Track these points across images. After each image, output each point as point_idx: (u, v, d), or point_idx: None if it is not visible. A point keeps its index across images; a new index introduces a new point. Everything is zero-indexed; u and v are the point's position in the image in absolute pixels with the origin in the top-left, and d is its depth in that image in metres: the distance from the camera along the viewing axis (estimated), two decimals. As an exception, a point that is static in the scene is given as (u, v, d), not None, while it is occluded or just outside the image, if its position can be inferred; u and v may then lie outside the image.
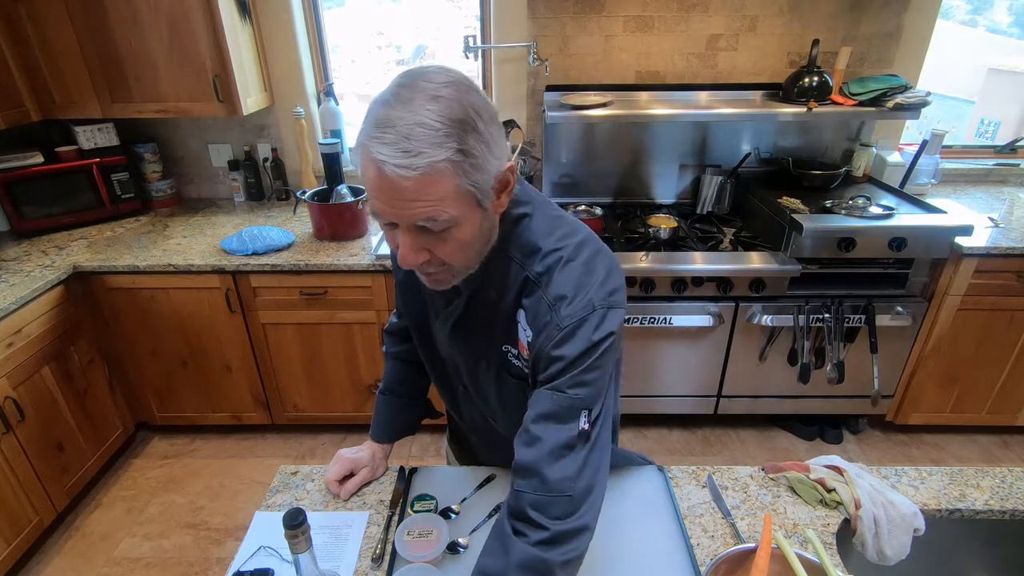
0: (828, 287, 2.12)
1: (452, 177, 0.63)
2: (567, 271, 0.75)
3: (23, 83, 2.12)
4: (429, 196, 0.63)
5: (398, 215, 0.66)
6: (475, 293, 0.81)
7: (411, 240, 0.68)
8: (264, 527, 0.98)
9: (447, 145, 0.62)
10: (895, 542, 0.94)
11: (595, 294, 0.74)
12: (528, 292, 0.77)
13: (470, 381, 0.95)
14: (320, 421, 2.43)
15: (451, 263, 0.72)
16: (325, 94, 2.50)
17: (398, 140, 0.61)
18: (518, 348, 0.81)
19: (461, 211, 0.66)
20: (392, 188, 0.63)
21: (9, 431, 1.78)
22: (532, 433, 0.73)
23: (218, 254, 2.10)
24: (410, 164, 0.61)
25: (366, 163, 0.64)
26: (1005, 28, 3.38)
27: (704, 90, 2.38)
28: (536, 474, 0.72)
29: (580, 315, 0.73)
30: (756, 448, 2.41)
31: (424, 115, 0.61)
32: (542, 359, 0.75)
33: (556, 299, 0.74)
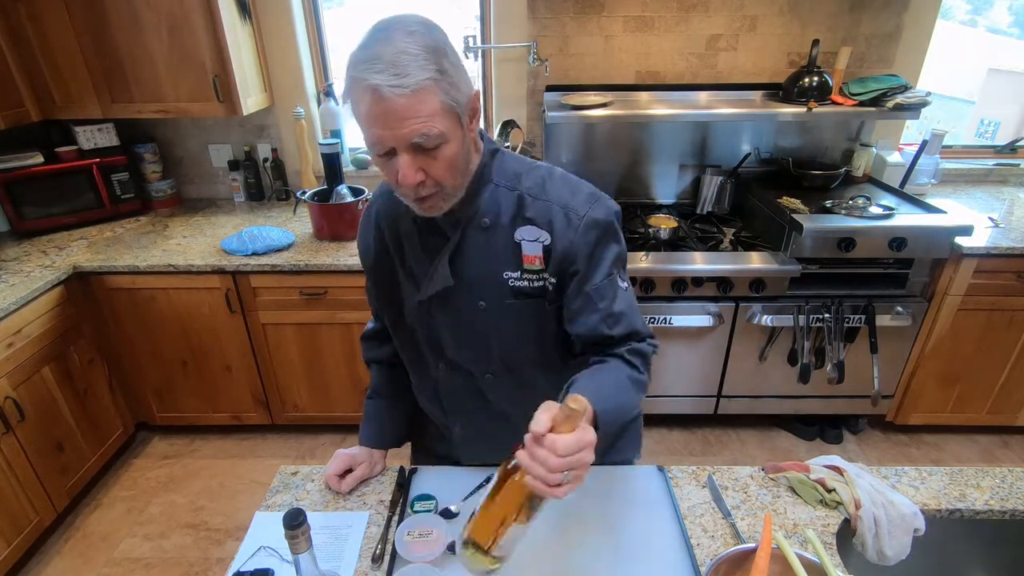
0: (828, 287, 2.12)
1: (437, 94, 0.73)
2: (555, 180, 0.90)
3: (23, 83, 2.12)
4: (421, 112, 0.72)
5: (396, 136, 0.73)
6: (470, 221, 0.89)
7: (409, 160, 0.76)
8: (264, 527, 0.98)
9: (428, 67, 0.71)
10: (895, 542, 0.94)
11: (589, 188, 0.91)
12: (526, 207, 0.88)
13: (462, 338, 0.97)
14: (320, 421, 2.43)
15: (443, 182, 0.80)
16: (325, 94, 2.50)
17: (387, 67, 0.70)
18: (522, 267, 0.90)
19: (447, 127, 0.75)
20: (390, 110, 0.71)
21: (9, 431, 1.78)
22: (616, 313, 0.90)
23: (218, 254, 2.10)
24: (402, 83, 0.70)
25: (360, 95, 0.72)
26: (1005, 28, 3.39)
27: (704, 90, 2.38)
28: (634, 332, 0.93)
29: (589, 204, 0.88)
30: (756, 448, 2.41)
31: (403, 46, 0.71)
32: (572, 255, 0.87)
33: (563, 199, 0.88)
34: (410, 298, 0.98)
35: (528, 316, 0.93)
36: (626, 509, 1.00)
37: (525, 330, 0.94)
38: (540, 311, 0.93)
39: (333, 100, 2.48)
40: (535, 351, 0.98)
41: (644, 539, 0.95)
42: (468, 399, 1.04)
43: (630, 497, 1.03)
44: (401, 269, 0.98)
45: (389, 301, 1.03)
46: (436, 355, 1.02)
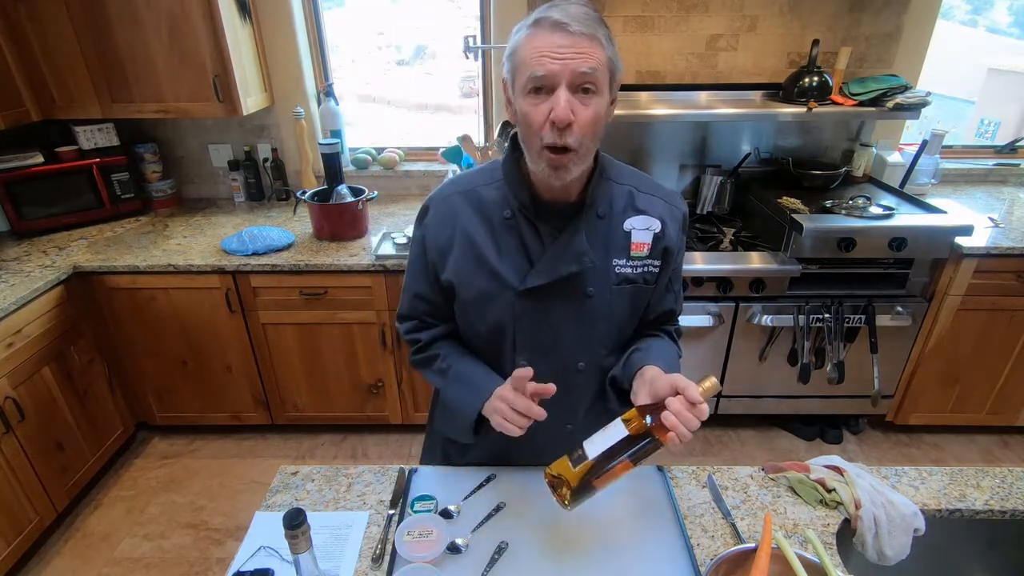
0: (828, 287, 2.12)
1: (606, 49, 0.83)
2: (650, 179, 1.05)
3: (23, 83, 2.12)
4: (593, 53, 0.81)
5: (565, 66, 0.80)
6: (591, 206, 0.96)
7: (567, 96, 0.81)
8: (264, 527, 0.98)
9: (602, 28, 0.83)
10: (895, 542, 0.94)
11: (672, 189, 1.06)
12: (637, 199, 0.99)
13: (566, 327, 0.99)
14: (320, 421, 2.43)
15: (584, 135, 0.84)
16: (325, 94, 2.50)
17: (572, 15, 0.81)
18: (629, 255, 0.98)
19: (604, 81, 0.84)
20: (568, 41, 0.80)
21: (9, 431, 1.78)
22: (679, 295, 1.10)
23: (218, 254, 2.10)
24: (584, 27, 0.80)
25: (540, 31, 0.81)
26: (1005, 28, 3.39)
27: (704, 90, 2.38)
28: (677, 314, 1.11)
29: (681, 202, 1.04)
30: (756, 448, 2.41)
31: (581, 9, 0.82)
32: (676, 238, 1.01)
33: (664, 194, 1.02)
34: (506, 290, 0.96)
35: (629, 301, 1.01)
36: (626, 509, 1.00)
37: (624, 316, 1.02)
38: (639, 295, 1.01)
39: (333, 100, 2.48)
40: (623, 337, 1.06)
41: (644, 539, 0.95)
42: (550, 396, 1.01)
43: (630, 497, 1.03)
44: (497, 264, 0.96)
45: (476, 301, 0.99)
46: (528, 348, 0.99)
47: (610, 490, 1.02)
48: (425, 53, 2.91)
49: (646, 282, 1.00)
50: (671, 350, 1.06)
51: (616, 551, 0.92)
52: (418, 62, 2.96)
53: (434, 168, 2.62)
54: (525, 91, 0.83)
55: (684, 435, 0.82)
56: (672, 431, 0.82)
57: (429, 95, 3.03)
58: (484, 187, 0.98)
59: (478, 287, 0.98)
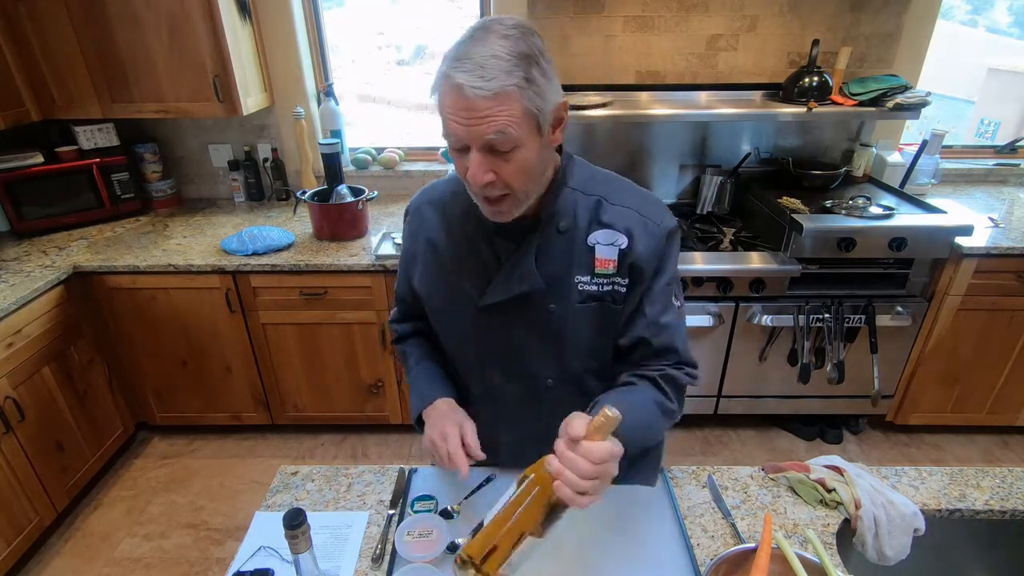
0: (828, 287, 2.11)
1: (518, 100, 0.74)
2: (626, 187, 0.94)
3: (23, 83, 2.12)
4: (499, 114, 0.74)
5: (470, 133, 0.75)
6: (549, 221, 0.90)
7: (481, 159, 0.77)
8: (264, 527, 0.97)
9: (515, 73, 0.73)
10: (895, 542, 0.94)
11: (656, 197, 0.95)
12: (603, 211, 0.91)
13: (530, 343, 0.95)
14: (320, 421, 2.43)
15: (513, 186, 0.81)
16: (325, 94, 2.50)
17: (474, 68, 0.72)
18: (593, 271, 0.91)
19: (524, 133, 0.77)
20: (468, 107, 0.73)
21: (9, 431, 1.78)
22: (661, 324, 0.93)
23: (218, 254, 2.10)
24: (484, 85, 0.72)
25: (445, 90, 0.75)
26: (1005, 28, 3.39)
27: (704, 90, 2.38)
28: (673, 351, 0.95)
29: (662, 213, 0.92)
30: (756, 448, 2.41)
31: (495, 49, 0.73)
32: (649, 256, 0.90)
33: (640, 206, 0.91)
34: (468, 305, 0.96)
35: (594, 320, 0.94)
36: (626, 509, 1.00)
37: (590, 334, 0.95)
38: (606, 314, 0.94)
39: (333, 100, 2.48)
40: (597, 356, 0.99)
41: (644, 539, 0.95)
42: (521, 407, 1.02)
43: (630, 497, 1.03)
44: (459, 277, 0.96)
45: (441, 313, 1.01)
46: (493, 362, 1.00)
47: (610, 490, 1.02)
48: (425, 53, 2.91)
49: (614, 301, 0.93)
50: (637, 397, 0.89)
51: (616, 551, 0.92)
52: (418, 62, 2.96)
53: (434, 168, 2.62)
54: (447, 144, 0.80)
55: (571, 482, 0.67)
56: (557, 478, 0.68)
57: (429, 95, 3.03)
58: (453, 196, 0.97)
59: (443, 299, 0.99)
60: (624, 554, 0.92)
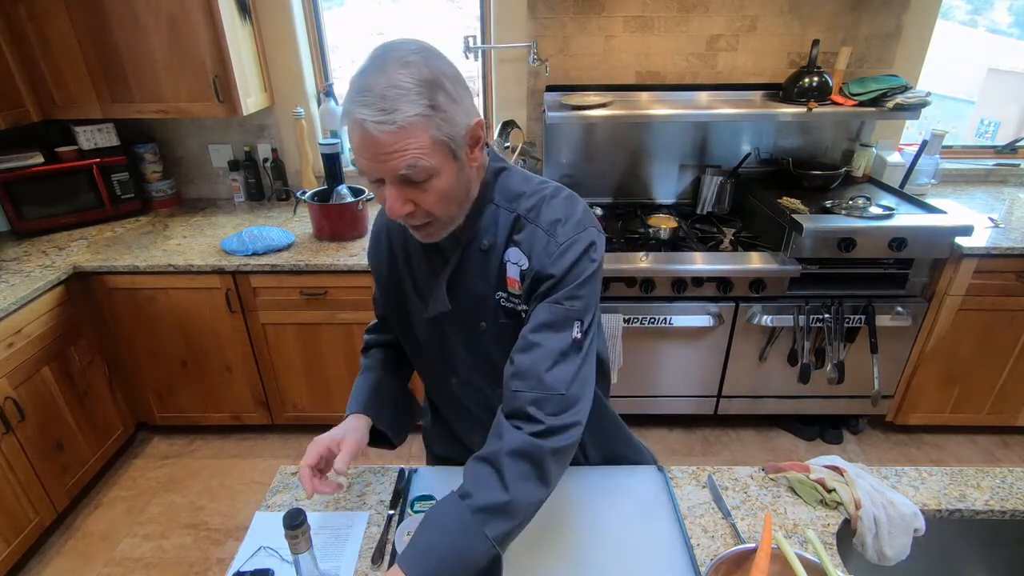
0: (828, 287, 2.12)
1: (425, 130, 0.71)
2: (554, 204, 0.86)
3: (23, 83, 2.12)
4: (407, 148, 0.71)
5: (381, 168, 0.73)
6: (470, 243, 0.87)
7: (396, 192, 0.75)
8: (264, 527, 0.98)
9: (419, 102, 0.70)
10: (895, 542, 0.94)
11: (583, 217, 0.85)
12: (519, 228, 0.85)
13: (469, 357, 0.96)
14: (320, 421, 2.43)
15: (435, 213, 0.79)
16: (325, 94, 2.50)
17: (375, 101, 0.69)
18: (507, 289, 0.88)
19: (437, 161, 0.74)
20: (374, 144, 0.70)
21: (9, 431, 1.78)
22: (530, 340, 0.81)
23: (218, 254, 2.10)
24: (387, 120, 0.69)
25: (351, 126, 0.72)
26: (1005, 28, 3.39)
27: (704, 90, 2.38)
28: (534, 376, 0.79)
29: (574, 233, 0.82)
30: (756, 448, 2.41)
31: (396, 78, 0.69)
32: (542, 277, 0.83)
33: (551, 224, 0.84)
34: (419, 317, 0.98)
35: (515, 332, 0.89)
36: (626, 509, 1.00)
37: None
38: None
39: (333, 100, 2.48)
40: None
41: (644, 539, 0.95)
42: (481, 413, 1.03)
43: (630, 497, 1.03)
44: (411, 285, 0.97)
45: (400, 317, 1.03)
46: (448, 371, 1.02)
47: (610, 490, 1.03)
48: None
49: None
50: (444, 528, 0.74)
51: (616, 551, 0.92)
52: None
53: (434, 168, 2.62)
54: (362, 175, 0.78)
55: None
56: None
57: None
58: None
59: (398, 311, 1.01)
60: (624, 554, 0.92)
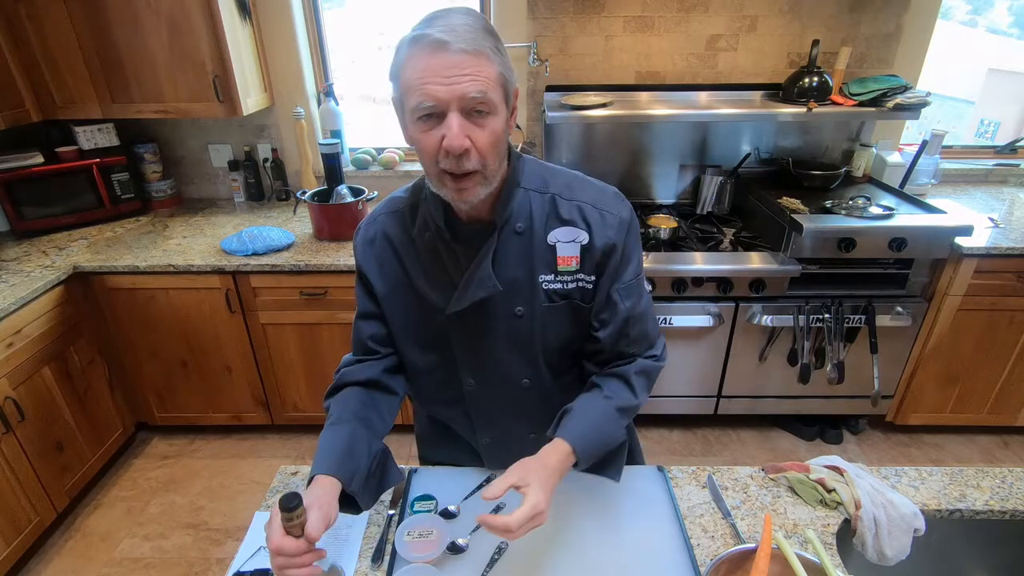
0: (828, 287, 2.11)
1: (494, 64, 0.76)
2: (583, 181, 0.93)
3: (23, 83, 2.12)
4: (480, 73, 0.74)
5: (451, 91, 0.73)
6: (504, 223, 0.89)
7: (459, 122, 0.75)
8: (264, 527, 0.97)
9: (487, 40, 0.75)
10: (895, 542, 0.94)
11: (611, 188, 0.94)
12: (560, 208, 0.90)
13: (502, 345, 0.94)
14: (320, 421, 2.40)
15: (486, 158, 0.79)
16: (325, 94, 2.50)
17: (451, 28, 0.73)
18: (555, 270, 0.91)
19: (498, 99, 0.77)
20: (450, 64, 0.72)
21: (9, 431, 1.78)
22: (637, 315, 0.94)
23: (218, 254, 2.10)
24: (468, 43, 0.73)
25: (420, 52, 0.73)
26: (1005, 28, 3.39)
27: (704, 90, 2.38)
28: (643, 336, 0.96)
29: (619, 204, 0.92)
30: (756, 448, 2.41)
31: (465, 20, 0.75)
32: (608, 249, 0.90)
33: (595, 199, 0.90)
34: (433, 317, 0.95)
35: (564, 319, 0.94)
36: (626, 509, 1.00)
37: (561, 333, 0.95)
38: (575, 312, 0.94)
39: (333, 100, 2.48)
40: (570, 353, 0.99)
41: (644, 539, 0.95)
42: (498, 409, 1.02)
43: (630, 497, 1.03)
44: (425, 285, 0.95)
45: (408, 326, 0.99)
46: (466, 368, 0.99)
47: (610, 490, 1.03)
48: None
49: (583, 299, 0.92)
50: (600, 412, 0.91)
51: (616, 551, 0.92)
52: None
53: (434, 168, 2.62)
54: (415, 118, 0.77)
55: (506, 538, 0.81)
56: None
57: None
58: (409, 208, 0.95)
59: (411, 311, 0.97)
60: (624, 554, 0.92)
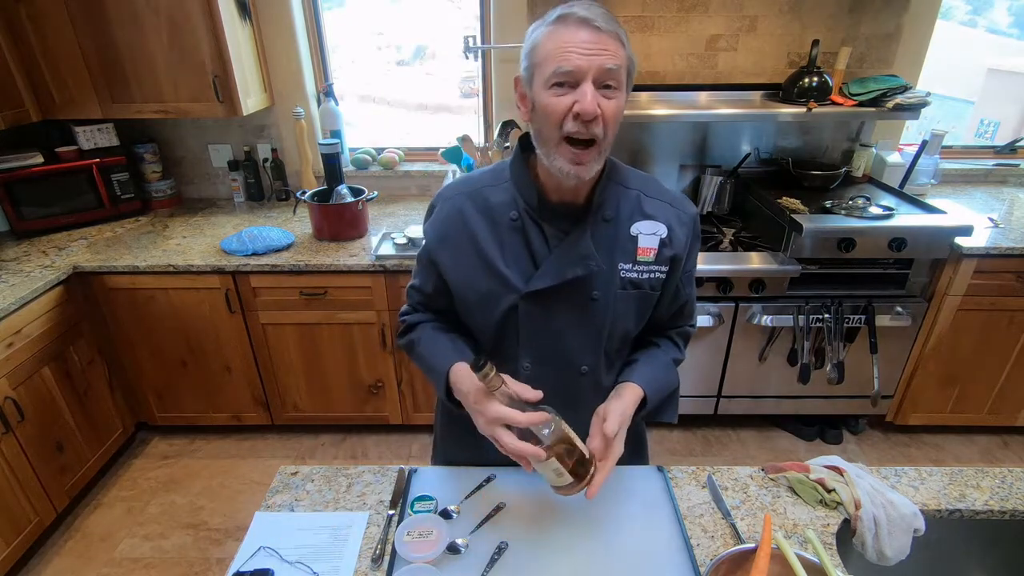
0: (828, 287, 2.12)
1: (626, 48, 0.85)
2: (656, 183, 1.03)
3: (23, 83, 2.12)
4: (618, 51, 0.83)
5: (591, 61, 0.81)
6: (598, 209, 0.95)
7: (592, 90, 0.82)
8: (264, 527, 0.98)
9: (620, 29, 0.84)
10: (895, 542, 0.94)
11: (680, 192, 1.06)
12: (644, 204, 0.98)
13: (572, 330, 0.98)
14: (320, 421, 2.43)
15: (608, 129, 0.85)
16: (325, 94, 2.50)
17: (594, 11, 0.82)
18: (635, 259, 0.97)
19: (624, 79, 0.85)
20: (594, 39, 0.81)
21: (9, 431, 1.78)
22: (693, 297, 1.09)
23: (218, 254, 2.10)
24: (607, 23, 0.82)
25: (567, 27, 0.82)
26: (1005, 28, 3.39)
27: (704, 90, 2.38)
28: (693, 314, 1.12)
29: (687, 203, 1.02)
30: (756, 448, 2.41)
31: (601, 8, 0.83)
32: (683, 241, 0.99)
33: (672, 199, 1.00)
34: (508, 293, 0.95)
35: (633, 306, 0.99)
36: (626, 509, 1.00)
37: (627, 320, 1.01)
38: (644, 300, 1.00)
39: (333, 100, 2.48)
40: (629, 341, 1.06)
41: (644, 539, 0.95)
42: (551, 394, 0.99)
43: (630, 497, 1.03)
44: (501, 266, 0.95)
45: (476, 304, 0.99)
46: (528, 351, 1.00)
47: (610, 490, 1.03)
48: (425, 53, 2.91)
49: (652, 288, 0.99)
50: (661, 362, 1.06)
51: (616, 551, 0.92)
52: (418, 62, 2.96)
53: (434, 168, 2.62)
54: (548, 85, 0.83)
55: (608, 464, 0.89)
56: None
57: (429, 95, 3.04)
58: (490, 188, 0.98)
59: (482, 289, 0.97)
60: (624, 554, 0.92)
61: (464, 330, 1.07)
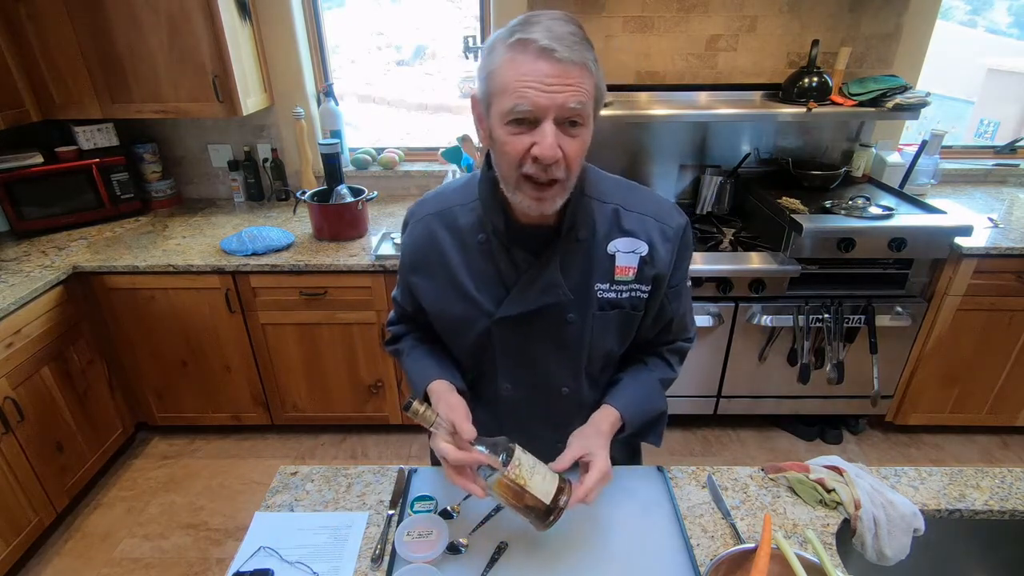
0: (828, 287, 2.12)
1: (592, 76, 0.74)
2: (641, 193, 0.95)
3: (23, 83, 2.12)
4: (582, 85, 0.73)
5: (552, 99, 0.72)
6: (569, 230, 0.89)
7: (553, 131, 0.74)
8: (264, 527, 0.98)
9: (589, 52, 0.74)
10: (895, 542, 0.94)
11: (666, 199, 0.96)
12: (622, 219, 0.90)
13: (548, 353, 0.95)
14: (320, 421, 2.43)
15: (572, 168, 0.78)
16: (325, 94, 2.50)
17: (558, 37, 0.71)
18: (612, 279, 0.91)
19: (591, 113, 0.76)
20: (556, 72, 0.71)
21: (9, 431, 1.78)
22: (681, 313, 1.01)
23: (218, 254, 2.10)
24: (573, 53, 0.71)
25: (521, 55, 0.72)
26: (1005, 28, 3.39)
27: (704, 90, 2.38)
28: (683, 327, 1.04)
29: (678, 216, 0.93)
30: (756, 448, 2.41)
31: (569, 28, 0.73)
32: (666, 259, 0.92)
33: (656, 212, 0.92)
34: (481, 317, 0.93)
35: (613, 327, 0.95)
36: (626, 509, 1.00)
37: (609, 341, 0.96)
38: (625, 320, 0.95)
39: (333, 100, 2.48)
40: (612, 361, 1.01)
41: (644, 539, 0.95)
42: (531, 415, 1.02)
43: (630, 497, 1.03)
44: (472, 290, 0.93)
45: (454, 322, 0.97)
46: (505, 373, 0.99)
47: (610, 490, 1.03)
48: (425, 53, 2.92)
49: (633, 308, 0.93)
50: (645, 384, 1.01)
51: (616, 551, 0.92)
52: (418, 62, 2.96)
53: (434, 168, 2.62)
54: (504, 120, 0.75)
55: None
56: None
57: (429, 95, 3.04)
58: (460, 207, 0.93)
59: (455, 313, 0.95)
60: (624, 554, 0.92)
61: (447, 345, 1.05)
